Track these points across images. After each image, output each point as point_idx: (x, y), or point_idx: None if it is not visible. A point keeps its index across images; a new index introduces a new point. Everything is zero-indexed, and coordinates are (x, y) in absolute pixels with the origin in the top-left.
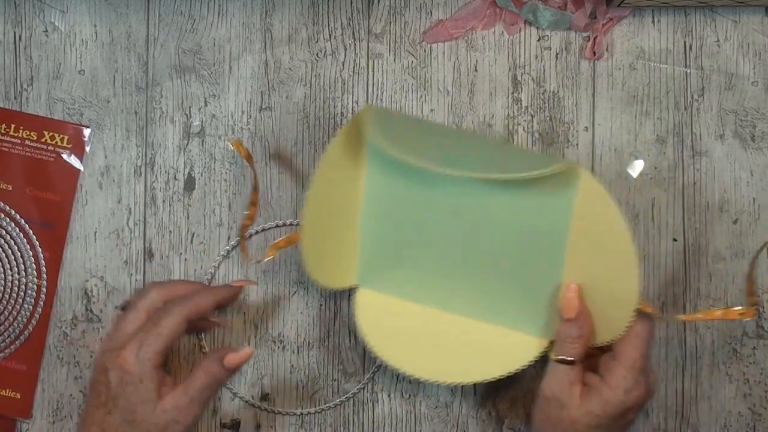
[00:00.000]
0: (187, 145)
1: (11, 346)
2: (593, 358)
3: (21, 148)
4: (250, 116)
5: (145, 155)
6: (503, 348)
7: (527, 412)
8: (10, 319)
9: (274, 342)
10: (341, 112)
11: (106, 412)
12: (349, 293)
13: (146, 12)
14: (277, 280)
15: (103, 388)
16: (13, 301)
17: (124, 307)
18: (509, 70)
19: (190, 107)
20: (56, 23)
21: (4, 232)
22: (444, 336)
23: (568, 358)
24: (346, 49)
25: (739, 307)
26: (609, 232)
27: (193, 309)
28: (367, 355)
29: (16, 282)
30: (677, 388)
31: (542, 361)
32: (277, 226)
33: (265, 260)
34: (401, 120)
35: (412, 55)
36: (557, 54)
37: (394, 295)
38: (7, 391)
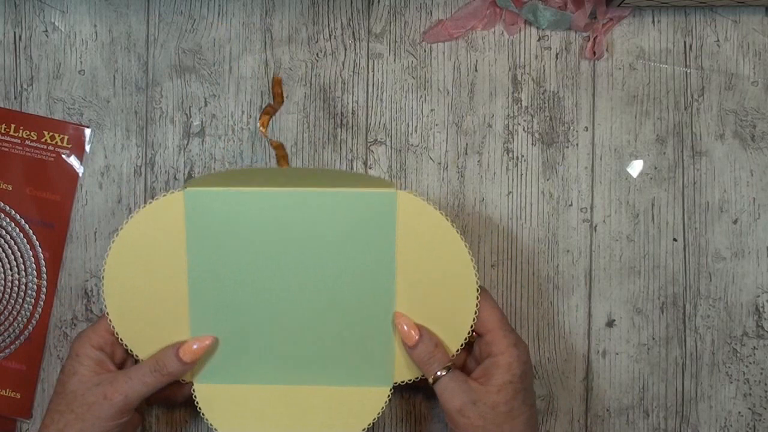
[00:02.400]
0: (187, 145)
1: (11, 346)
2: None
3: (21, 148)
4: (250, 116)
5: (145, 155)
6: (355, 405)
7: None
8: (10, 319)
9: None
10: (341, 112)
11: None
12: None
13: (146, 12)
14: None
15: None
16: (13, 301)
17: None
18: (509, 70)
19: (190, 107)
20: (56, 23)
21: (4, 232)
22: (296, 412)
23: (441, 371)
24: (346, 49)
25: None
26: (434, 233)
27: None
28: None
29: (16, 282)
30: (677, 388)
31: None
32: None
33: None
34: (222, 174)
35: (412, 55)
36: (557, 54)
37: (235, 383)
38: (7, 391)
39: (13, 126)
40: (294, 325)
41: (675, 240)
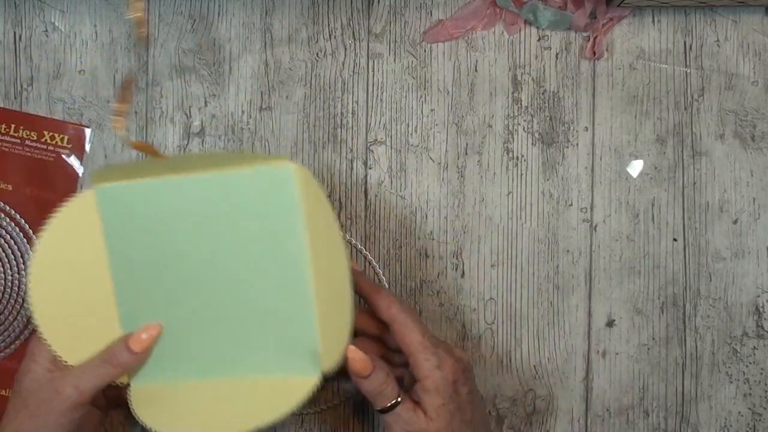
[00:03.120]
0: (187, 145)
1: (11, 346)
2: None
3: (21, 148)
4: (250, 116)
5: (146, 155)
6: (282, 394)
7: (527, 412)
8: (10, 319)
9: None
10: (341, 112)
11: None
12: None
13: (146, 12)
14: None
15: None
16: (13, 301)
17: None
18: (509, 70)
19: (190, 107)
20: (56, 23)
21: (4, 232)
22: (226, 403)
23: (393, 401)
24: (346, 49)
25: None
26: (325, 222)
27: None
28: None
29: (16, 282)
30: (677, 388)
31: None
32: None
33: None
34: (126, 165)
35: (412, 55)
36: (557, 54)
37: (165, 380)
38: (8, 391)
39: (13, 126)
40: (217, 315)
41: (675, 240)
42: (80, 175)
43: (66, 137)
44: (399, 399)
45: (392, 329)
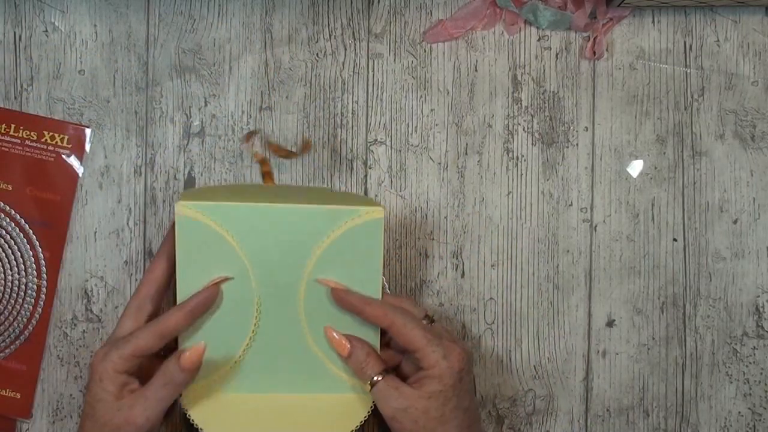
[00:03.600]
0: (187, 145)
1: (11, 346)
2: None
3: (21, 148)
4: (250, 116)
5: (145, 155)
6: (339, 412)
7: (528, 412)
8: (10, 319)
9: None
10: (341, 112)
11: (83, 402)
12: None
13: (146, 12)
14: None
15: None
16: (13, 301)
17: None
18: (509, 70)
19: (190, 107)
20: (56, 23)
21: (4, 232)
22: (283, 419)
23: (376, 377)
24: (346, 49)
25: None
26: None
27: (163, 326)
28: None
29: (16, 282)
30: (677, 388)
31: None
32: None
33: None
34: (213, 189)
35: (412, 55)
36: (557, 54)
37: (223, 392)
38: (7, 391)
39: (13, 126)
40: (279, 335)
41: (675, 240)
42: (80, 175)
43: (66, 137)
44: (380, 377)
45: (393, 333)
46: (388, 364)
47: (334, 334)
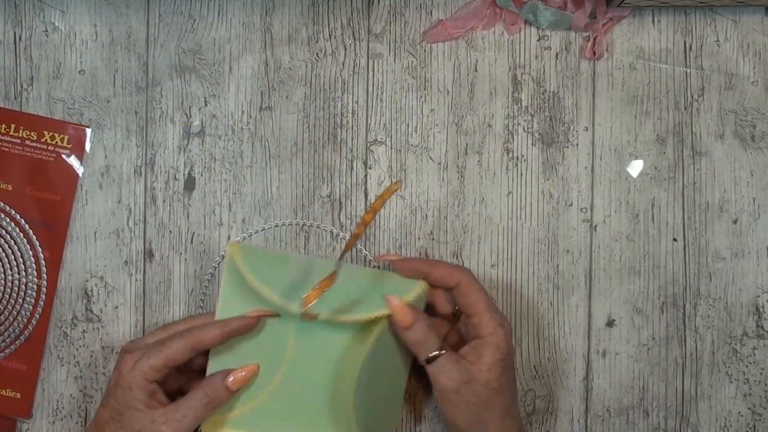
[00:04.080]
0: (187, 145)
1: (11, 346)
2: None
3: (21, 148)
4: (250, 116)
5: (145, 155)
6: None
7: (527, 412)
8: (10, 319)
9: None
10: (341, 112)
11: (103, 404)
12: None
13: (146, 12)
14: None
15: (109, 380)
16: (13, 301)
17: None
18: (509, 70)
19: (190, 107)
20: (56, 23)
21: (4, 232)
22: None
23: (436, 352)
24: (346, 49)
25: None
26: None
27: (197, 338)
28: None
29: (16, 282)
30: (677, 388)
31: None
32: (276, 225)
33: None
34: (266, 255)
35: (412, 55)
36: (557, 54)
37: (237, 428)
38: (7, 391)
39: (13, 126)
40: (307, 384)
41: (675, 240)
42: (80, 175)
43: (66, 137)
44: (442, 350)
45: (456, 291)
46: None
47: (400, 304)
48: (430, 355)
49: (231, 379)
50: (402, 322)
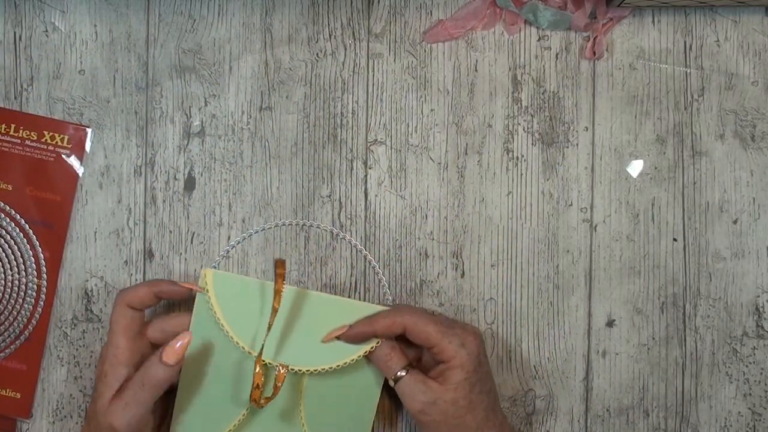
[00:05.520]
0: (187, 145)
1: (11, 346)
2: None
3: (21, 148)
4: (250, 116)
5: (145, 155)
6: None
7: (527, 412)
8: (10, 319)
9: None
10: (341, 112)
11: (85, 397)
12: None
13: (146, 12)
14: None
15: (96, 373)
16: (13, 301)
17: None
18: (509, 70)
19: (190, 107)
20: (56, 23)
21: (4, 232)
22: None
23: (400, 372)
24: (346, 49)
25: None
26: None
27: (126, 296)
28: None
29: (16, 282)
30: (677, 388)
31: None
32: (276, 225)
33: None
34: (242, 284)
35: (412, 55)
36: (557, 54)
37: None
38: (7, 391)
39: (13, 126)
40: (274, 417)
41: (675, 240)
42: (80, 175)
43: (66, 137)
44: (406, 371)
45: (409, 335)
46: (410, 358)
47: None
48: (396, 375)
49: (164, 353)
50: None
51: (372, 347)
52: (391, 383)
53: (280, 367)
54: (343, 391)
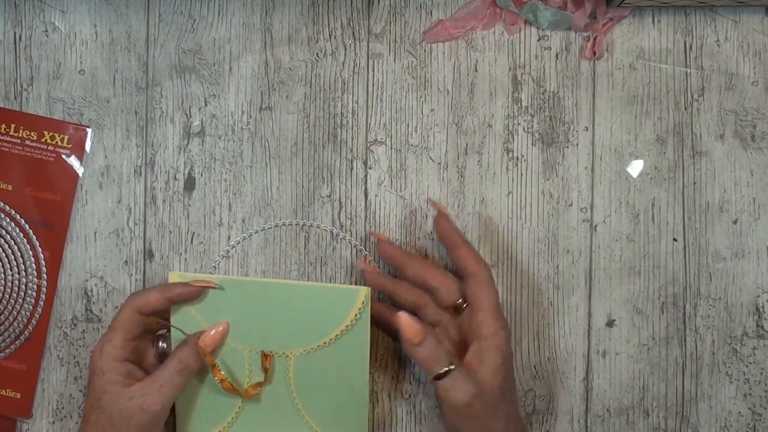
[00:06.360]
0: (187, 145)
1: (11, 346)
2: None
3: (21, 148)
4: (250, 116)
5: (145, 155)
6: None
7: (527, 412)
8: (10, 319)
9: None
10: (341, 112)
11: (86, 397)
12: None
13: (146, 12)
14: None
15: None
16: (13, 301)
17: None
18: (509, 70)
19: (190, 107)
20: (56, 23)
21: (4, 232)
22: None
23: (447, 368)
24: (346, 49)
25: None
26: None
27: (141, 301)
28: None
29: (16, 282)
30: (677, 388)
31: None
32: (276, 226)
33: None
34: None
35: (412, 55)
36: (557, 54)
37: None
38: (7, 391)
39: (13, 126)
40: (269, 401)
41: (675, 240)
42: (80, 175)
43: (66, 137)
44: (453, 365)
45: (471, 281)
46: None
47: (410, 320)
48: (442, 371)
49: (202, 340)
50: (412, 339)
51: (353, 317)
52: (431, 378)
53: (264, 353)
54: (332, 367)
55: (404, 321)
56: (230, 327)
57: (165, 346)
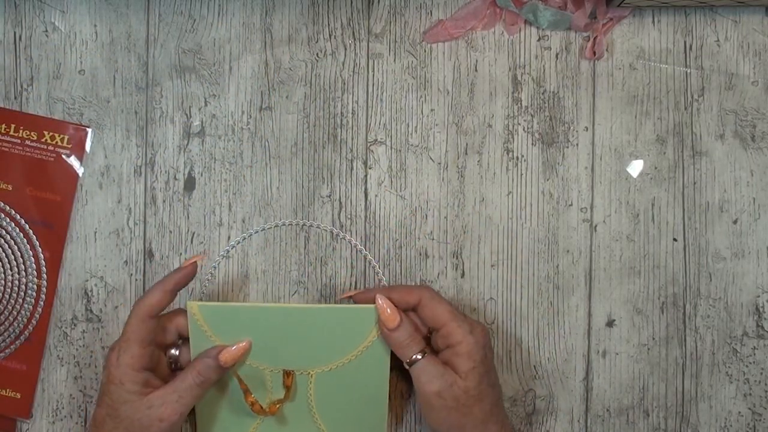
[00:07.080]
0: (187, 145)
1: (11, 346)
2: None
3: (21, 148)
4: (250, 116)
5: (145, 155)
6: None
7: (527, 412)
8: (10, 319)
9: None
10: (341, 112)
11: (98, 404)
12: None
13: (146, 12)
14: (276, 279)
15: (101, 378)
16: (13, 301)
17: None
18: (509, 70)
19: (190, 107)
20: (56, 23)
21: (4, 232)
22: None
23: (417, 355)
24: (346, 49)
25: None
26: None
27: (147, 306)
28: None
29: (16, 282)
30: (677, 388)
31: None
32: (276, 226)
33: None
34: (230, 312)
35: (412, 55)
36: (557, 54)
37: None
38: (7, 391)
39: (13, 126)
40: (290, 417)
41: (675, 240)
42: (80, 175)
43: (66, 137)
44: (423, 354)
45: (420, 308)
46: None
47: (387, 305)
48: (413, 357)
49: (223, 355)
50: (389, 324)
51: (373, 336)
52: (406, 364)
53: (285, 371)
54: (353, 383)
55: (381, 305)
56: (252, 348)
57: (177, 353)
